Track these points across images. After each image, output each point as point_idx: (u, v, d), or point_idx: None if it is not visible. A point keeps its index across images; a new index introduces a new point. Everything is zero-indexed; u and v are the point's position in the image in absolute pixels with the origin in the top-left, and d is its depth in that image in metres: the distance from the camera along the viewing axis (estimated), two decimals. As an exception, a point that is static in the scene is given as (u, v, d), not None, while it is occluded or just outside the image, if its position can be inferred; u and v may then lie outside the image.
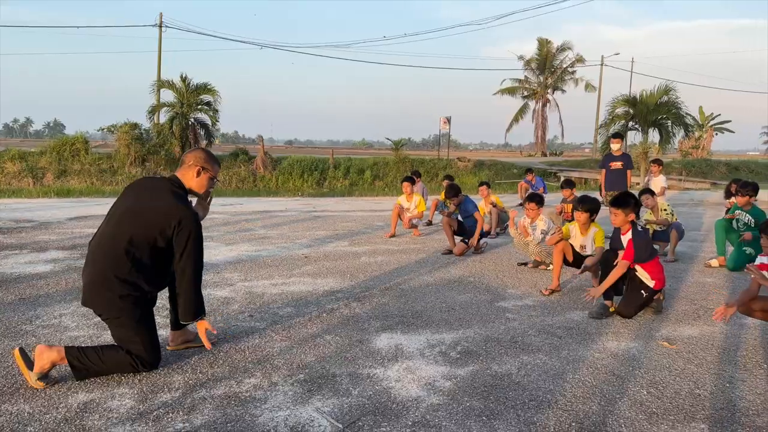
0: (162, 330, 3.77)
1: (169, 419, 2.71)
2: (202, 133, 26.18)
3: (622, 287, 4.63)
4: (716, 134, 46.24)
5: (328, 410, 2.83)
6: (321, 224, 10.03)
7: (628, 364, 3.52)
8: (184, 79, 25.23)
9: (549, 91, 43.24)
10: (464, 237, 7.25)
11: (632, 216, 4.61)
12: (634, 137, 29.17)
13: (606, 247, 4.99)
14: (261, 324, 4.19)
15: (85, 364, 3.04)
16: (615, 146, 9.03)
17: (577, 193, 7.62)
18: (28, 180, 20.31)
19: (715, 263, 6.66)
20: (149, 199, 3.18)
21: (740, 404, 2.99)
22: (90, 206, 12.24)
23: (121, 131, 22.51)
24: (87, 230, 8.50)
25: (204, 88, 25.47)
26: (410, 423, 2.72)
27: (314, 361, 3.47)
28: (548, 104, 43.40)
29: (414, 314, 4.51)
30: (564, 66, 41.84)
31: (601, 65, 44.00)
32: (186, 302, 3.21)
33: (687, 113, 28.35)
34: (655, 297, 4.62)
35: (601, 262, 4.81)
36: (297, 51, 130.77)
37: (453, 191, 7.47)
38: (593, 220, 5.38)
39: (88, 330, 3.97)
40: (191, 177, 3.33)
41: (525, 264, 6.53)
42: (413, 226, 8.70)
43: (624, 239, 4.55)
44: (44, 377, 3.01)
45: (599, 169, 9.18)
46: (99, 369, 3.08)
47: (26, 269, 5.80)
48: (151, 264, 3.15)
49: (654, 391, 3.13)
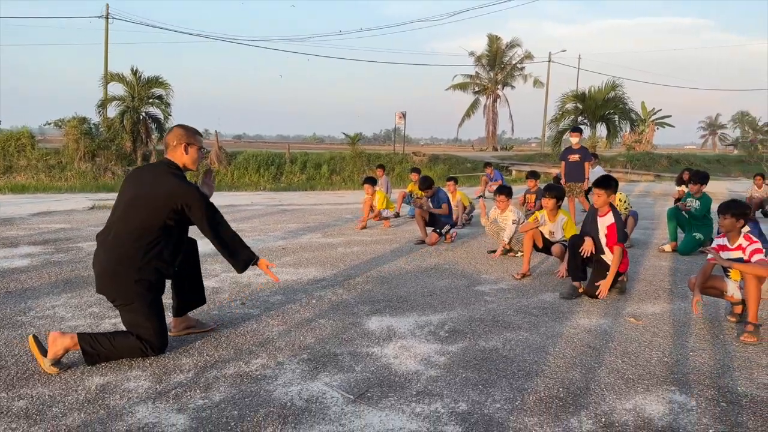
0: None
1: (188, 397, 2.86)
2: (154, 128, 25.56)
3: (587, 270, 4.99)
4: (657, 128, 48.26)
5: (337, 384, 3.04)
6: (290, 217, 10.14)
7: (602, 338, 3.86)
8: (135, 72, 24.58)
9: (499, 87, 44.07)
10: (435, 227, 7.52)
11: (613, 197, 4.96)
12: (585, 132, 30.27)
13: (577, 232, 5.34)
14: (255, 311, 4.34)
15: (97, 350, 3.15)
16: (574, 140, 9.49)
17: (541, 185, 8.01)
18: (-28, 177, 19.48)
19: (668, 248, 7.16)
20: (151, 185, 3.30)
21: (704, 369, 3.36)
22: (48, 202, 11.94)
23: (69, 126, 21.84)
24: (54, 225, 8.36)
25: (155, 82, 24.85)
26: (415, 393, 2.96)
27: (314, 343, 3.66)
28: (498, 100, 44.26)
29: (399, 299, 4.75)
30: (513, 62, 42.74)
31: (549, 62, 45.24)
32: (239, 247, 3.47)
33: (631, 109, 29.63)
34: (620, 279, 5.00)
35: (569, 246, 5.15)
36: (252, 45, 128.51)
37: (426, 183, 7.72)
38: (560, 207, 5.75)
39: (85, 320, 4.03)
40: (181, 155, 3.44)
41: (494, 252, 6.86)
42: (384, 218, 8.92)
43: (602, 222, 4.89)
44: (57, 363, 3.11)
45: (559, 161, 9.61)
46: (109, 354, 3.19)
47: (3, 264, 5.73)
48: (163, 246, 3.27)
49: (628, 360, 3.47)
